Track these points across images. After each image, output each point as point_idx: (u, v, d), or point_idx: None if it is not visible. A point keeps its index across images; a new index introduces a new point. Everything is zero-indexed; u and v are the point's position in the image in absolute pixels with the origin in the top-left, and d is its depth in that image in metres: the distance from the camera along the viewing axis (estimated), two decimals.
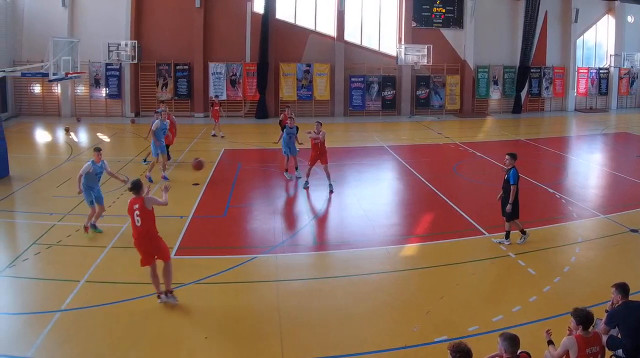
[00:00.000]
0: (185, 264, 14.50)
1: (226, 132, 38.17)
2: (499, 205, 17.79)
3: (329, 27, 50.20)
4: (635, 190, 25.03)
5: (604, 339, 10.12)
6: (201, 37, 47.36)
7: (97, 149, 18.67)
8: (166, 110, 27.37)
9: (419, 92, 51.79)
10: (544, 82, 54.64)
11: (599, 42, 57.57)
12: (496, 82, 53.51)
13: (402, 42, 50.40)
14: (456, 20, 52.17)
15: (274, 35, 47.92)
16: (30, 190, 24.03)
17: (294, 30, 49.63)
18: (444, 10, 51.87)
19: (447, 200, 22.89)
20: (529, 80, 53.95)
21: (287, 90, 49.20)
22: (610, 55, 56.93)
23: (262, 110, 47.68)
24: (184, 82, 47.98)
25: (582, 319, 9.29)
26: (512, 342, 8.49)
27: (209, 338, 12.01)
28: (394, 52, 51.04)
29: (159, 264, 13.63)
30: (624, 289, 10.48)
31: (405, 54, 49.39)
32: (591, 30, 56.76)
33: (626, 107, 58.81)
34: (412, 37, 50.73)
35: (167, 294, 13.63)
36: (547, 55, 54.77)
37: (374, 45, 51.87)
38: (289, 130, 25.90)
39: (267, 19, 46.74)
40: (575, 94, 56.15)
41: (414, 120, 48.73)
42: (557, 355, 9.34)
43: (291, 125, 25.97)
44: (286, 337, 12.08)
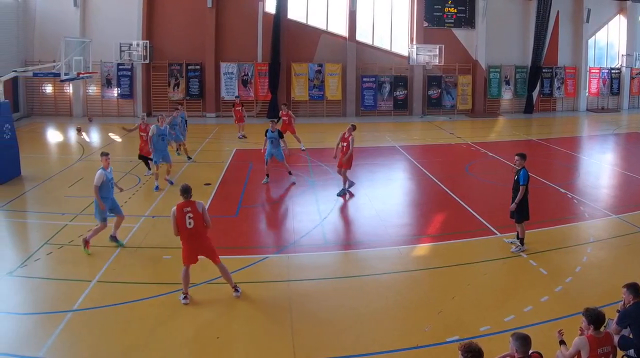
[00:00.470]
0: (196, 264, 14.49)
1: (235, 131, 38.14)
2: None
3: (340, 27, 50.11)
4: None
5: (616, 339, 10.10)
6: (213, 37, 47.44)
7: (104, 154, 17.57)
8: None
9: (430, 92, 51.69)
10: (555, 82, 54.43)
11: (610, 42, 57.31)
12: (508, 82, 53.36)
13: (414, 42, 50.35)
14: (468, 20, 52.04)
15: (285, 35, 47.97)
16: (41, 190, 24.11)
17: (305, 30, 49.62)
18: (456, 10, 51.73)
19: (459, 200, 22.86)
20: (541, 80, 53.74)
21: (299, 90, 49.24)
22: (621, 55, 56.62)
23: (273, 110, 47.52)
24: (195, 82, 48.07)
25: (594, 319, 9.29)
26: (524, 341, 8.49)
27: (221, 338, 12.06)
28: (405, 52, 50.92)
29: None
30: (635, 289, 10.47)
31: (417, 54, 49.29)
32: (603, 30, 56.51)
33: (638, 107, 58.43)
34: (423, 37, 50.64)
35: (235, 290, 14.11)
36: (559, 55, 54.58)
37: (385, 45, 51.79)
38: (270, 135, 25.43)
39: (279, 19, 46.82)
40: (586, 94, 55.87)
41: (425, 120, 48.68)
42: (569, 355, 9.34)
43: (273, 129, 25.51)
44: (298, 337, 12.11)
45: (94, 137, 37.69)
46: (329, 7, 50.00)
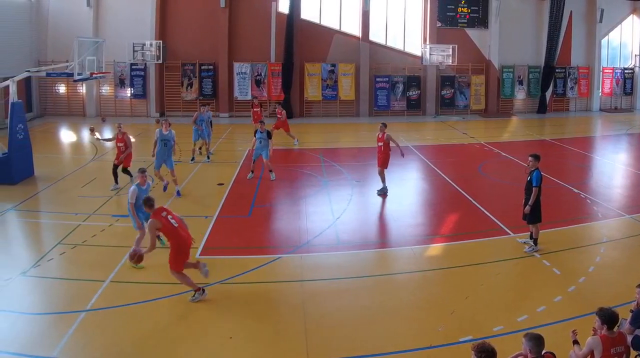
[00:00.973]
0: (210, 264, 14.53)
1: (250, 131, 38.03)
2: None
3: (353, 27, 50.08)
4: None
5: (629, 339, 10.08)
6: (226, 37, 47.43)
7: (142, 171, 17.30)
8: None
9: (443, 92, 51.56)
10: (568, 82, 54.18)
11: (623, 42, 56.97)
12: (521, 82, 53.18)
13: (427, 42, 50.23)
14: (481, 20, 51.90)
15: (298, 35, 47.94)
16: (55, 190, 24.24)
17: (318, 30, 49.58)
18: (469, 10, 51.57)
19: (472, 200, 22.85)
20: (554, 80, 53.51)
21: (312, 90, 49.20)
22: (635, 55, 56.30)
23: (287, 110, 47.30)
24: (208, 82, 48.09)
25: (607, 319, 9.27)
26: (537, 342, 8.47)
27: (234, 338, 12.09)
28: (418, 52, 50.83)
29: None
30: None
31: (430, 54, 49.20)
32: (616, 30, 56.20)
33: None
34: (437, 37, 50.51)
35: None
36: (572, 55, 54.30)
37: (398, 45, 51.68)
38: (259, 135, 25.79)
39: (292, 19, 46.79)
40: (600, 94, 55.59)
41: (438, 120, 48.57)
42: (582, 355, 9.32)
43: (262, 130, 25.90)
44: (311, 337, 12.16)
45: (107, 136, 37.67)
46: (342, 7, 49.94)
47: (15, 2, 42.11)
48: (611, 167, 30.60)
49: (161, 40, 46.16)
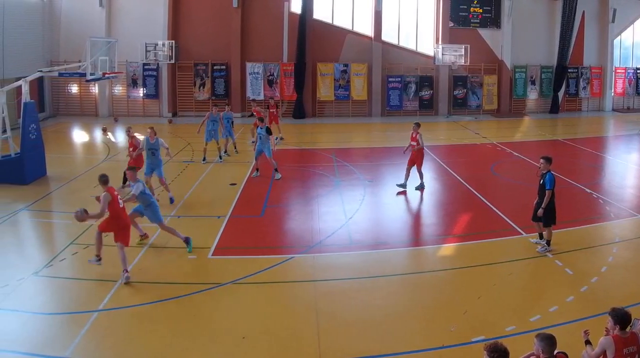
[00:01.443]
0: (222, 264, 14.56)
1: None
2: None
3: (366, 27, 50.08)
4: None
5: None
6: (238, 37, 47.53)
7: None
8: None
9: (456, 92, 51.56)
10: (581, 82, 54.01)
11: (636, 41, 56.66)
12: (533, 82, 53.07)
13: (440, 42, 50.21)
14: (493, 20, 51.82)
15: (311, 35, 48.01)
16: (67, 190, 24.33)
17: (331, 30, 49.57)
18: (481, 10, 51.51)
19: (485, 200, 22.83)
20: (566, 80, 53.37)
21: (325, 90, 49.21)
22: None
23: (299, 110, 47.78)
24: (221, 82, 48.22)
25: (620, 319, 9.25)
26: (549, 342, 8.46)
27: (247, 338, 12.11)
28: (431, 52, 50.77)
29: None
30: None
31: (442, 54, 49.16)
32: (628, 30, 55.94)
33: None
34: (449, 37, 50.46)
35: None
36: (585, 55, 54.14)
37: (411, 45, 51.65)
38: (259, 131, 26.26)
39: (305, 19, 46.88)
40: (612, 94, 55.36)
41: (451, 120, 48.54)
42: (594, 355, 9.30)
43: (262, 127, 26.23)
44: (323, 337, 12.17)
45: (119, 137, 37.80)
46: (354, 7, 49.96)
47: (27, 3, 42.24)
48: (624, 167, 30.51)
49: (173, 40, 46.33)
